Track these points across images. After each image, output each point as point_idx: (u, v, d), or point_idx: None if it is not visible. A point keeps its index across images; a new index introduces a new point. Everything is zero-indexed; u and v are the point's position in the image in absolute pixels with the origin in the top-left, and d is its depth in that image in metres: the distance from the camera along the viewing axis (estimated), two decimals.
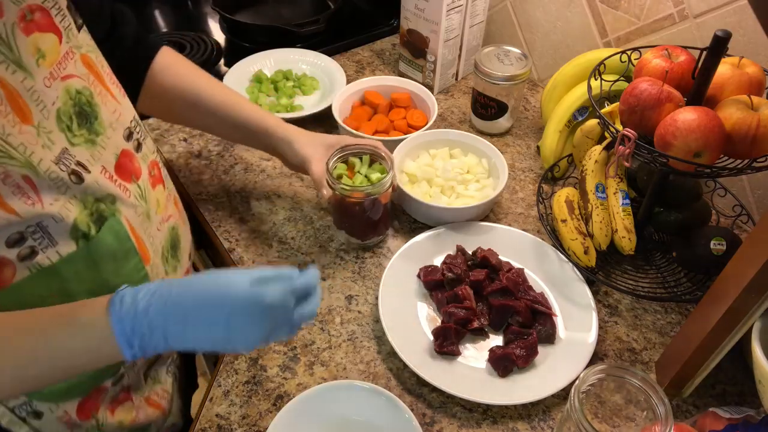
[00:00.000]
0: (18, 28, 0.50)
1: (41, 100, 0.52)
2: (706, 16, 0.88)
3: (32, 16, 0.52)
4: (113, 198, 0.59)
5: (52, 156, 0.52)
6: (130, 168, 0.63)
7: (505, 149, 1.07)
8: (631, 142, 0.68)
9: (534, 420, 0.70)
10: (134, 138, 0.65)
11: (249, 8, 1.36)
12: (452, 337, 0.74)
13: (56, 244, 0.54)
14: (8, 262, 0.51)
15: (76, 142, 0.55)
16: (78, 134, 0.55)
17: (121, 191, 0.60)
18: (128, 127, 0.64)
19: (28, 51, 0.51)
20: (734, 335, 0.62)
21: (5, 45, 0.49)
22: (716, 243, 0.76)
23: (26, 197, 0.50)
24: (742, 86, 0.68)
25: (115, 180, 0.60)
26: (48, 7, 0.53)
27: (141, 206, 0.64)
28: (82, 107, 0.56)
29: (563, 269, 0.83)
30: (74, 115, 0.55)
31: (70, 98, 0.55)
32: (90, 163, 0.56)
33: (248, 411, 0.69)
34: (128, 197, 0.61)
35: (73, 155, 0.54)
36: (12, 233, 0.50)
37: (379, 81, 1.10)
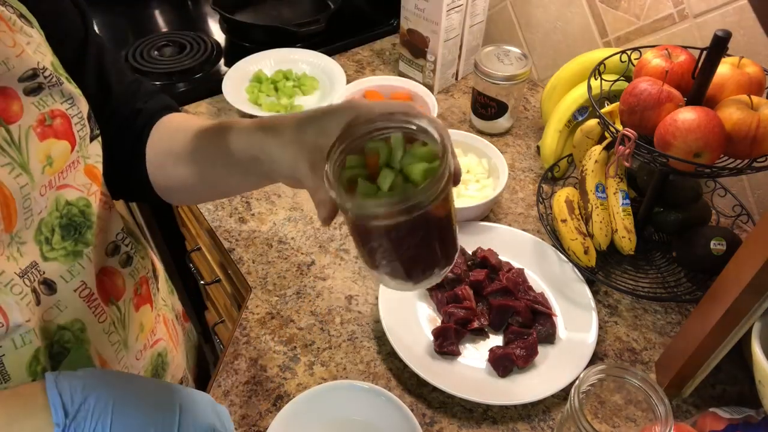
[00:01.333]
0: (34, 132, 0.47)
1: (31, 208, 0.47)
2: (706, 16, 0.88)
3: (52, 122, 0.49)
4: (82, 325, 0.52)
5: (17, 268, 0.46)
6: (110, 286, 0.56)
7: (505, 149, 1.07)
8: (631, 142, 0.68)
9: (534, 420, 0.70)
10: (122, 251, 0.59)
11: (249, 8, 1.36)
12: (452, 337, 0.74)
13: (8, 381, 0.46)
14: None
15: (51, 256, 0.50)
16: (57, 248, 0.50)
17: (94, 316, 0.53)
18: (113, 241, 0.58)
19: (37, 157, 0.47)
20: (734, 335, 0.62)
21: (16, 148, 0.46)
22: (716, 243, 0.76)
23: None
24: (742, 86, 0.68)
25: (94, 300, 0.53)
26: (71, 115, 0.51)
27: (116, 334, 0.56)
28: (72, 218, 0.52)
29: (563, 269, 0.83)
30: (57, 227, 0.50)
31: (56, 209, 0.50)
32: (63, 280, 0.50)
33: (248, 411, 0.69)
34: (102, 321, 0.54)
35: (42, 271, 0.49)
36: None
37: (379, 81, 1.10)
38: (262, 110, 1.07)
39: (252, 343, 0.76)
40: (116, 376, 0.45)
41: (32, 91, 0.48)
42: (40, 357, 0.48)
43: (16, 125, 0.46)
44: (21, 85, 0.47)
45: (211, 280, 1.13)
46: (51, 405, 0.41)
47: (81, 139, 0.52)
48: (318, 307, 0.80)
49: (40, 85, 0.48)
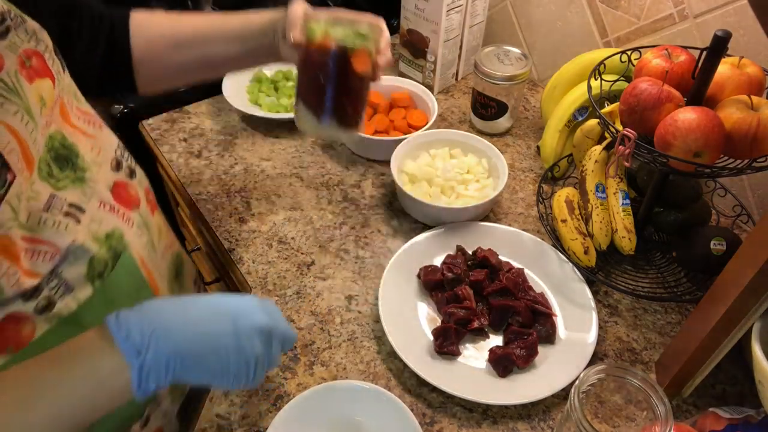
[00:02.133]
0: (21, 76, 0.48)
1: (38, 149, 0.50)
2: (706, 16, 0.88)
3: (30, 63, 0.49)
4: (120, 232, 0.57)
5: (41, 205, 0.50)
6: (127, 197, 0.61)
7: (505, 149, 1.07)
8: (631, 142, 0.68)
9: (534, 420, 0.70)
10: (125, 166, 0.62)
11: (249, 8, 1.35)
12: (452, 337, 0.74)
13: (73, 290, 0.51)
14: (26, 318, 0.48)
15: (62, 185, 0.53)
16: (62, 178, 0.53)
17: (123, 221, 0.58)
18: (114, 158, 0.61)
19: (33, 99, 0.48)
20: (734, 335, 0.62)
21: (15, 93, 0.47)
22: (716, 243, 0.76)
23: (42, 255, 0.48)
24: (742, 86, 0.68)
25: (117, 210, 0.58)
26: (41, 51, 0.51)
27: (145, 235, 0.62)
28: (57, 152, 0.53)
29: (563, 269, 0.83)
30: (51, 161, 0.52)
31: (45, 144, 0.52)
32: (84, 202, 0.54)
33: (248, 411, 0.69)
34: (131, 226, 0.59)
35: (64, 199, 0.52)
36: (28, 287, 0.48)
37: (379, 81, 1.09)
38: (263, 110, 1.07)
39: None
40: (169, 303, 0.48)
41: (2, 34, 0.47)
42: (95, 264, 0.53)
43: (4, 72, 0.46)
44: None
45: (211, 280, 1.13)
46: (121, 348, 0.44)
47: (57, 74, 0.53)
48: (318, 307, 0.80)
49: (8, 27, 0.48)
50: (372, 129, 1.03)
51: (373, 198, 0.96)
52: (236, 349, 0.48)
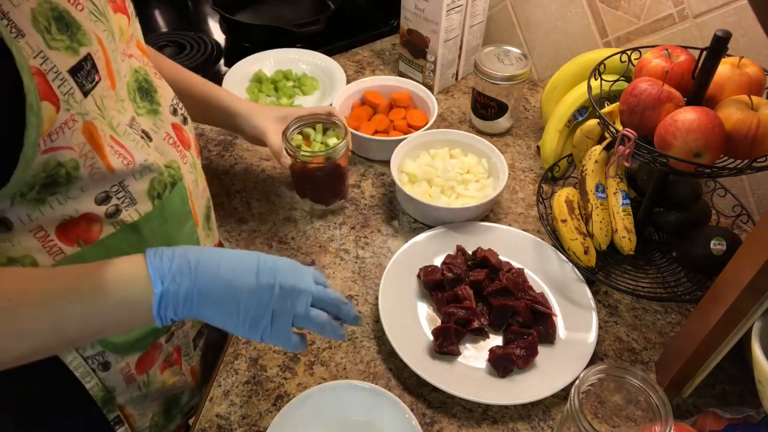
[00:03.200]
0: (108, 6, 0.55)
1: (119, 70, 0.57)
2: (706, 16, 0.88)
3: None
4: (178, 164, 0.65)
5: (126, 120, 0.58)
6: (182, 137, 0.68)
7: (505, 149, 1.07)
8: (631, 142, 0.68)
9: (534, 420, 0.70)
10: (179, 113, 0.70)
11: (249, 8, 1.36)
12: (452, 337, 0.74)
13: (136, 203, 0.59)
14: (97, 219, 0.56)
15: (141, 113, 0.61)
16: (141, 106, 0.61)
17: (180, 158, 0.66)
18: (172, 104, 0.68)
19: (115, 27, 0.56)
20: (734, 335, 0.62)
21: (104, 17, 0.54)
22: (716, 243, 0.76)
23: (122, 157, 0.55)
24: (742, 86, 0.68)
25: (177, 145, 0.66)
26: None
27: (193, 173, 0.69)
28: (141, 84, 0.62)
29: (563, 269, 0.83)
30: (136, 90, 0.61)
31: (132, 74, 0.60)
32: (153, 131, 0.62)
33: (248, 411, 0.69)
34: (185, 163, 0.67)
35: (139, 124, 0.60)
36: (99, 192, 0.55)
37: (379, 81, 1.10)
38: None
39: (252, 343, 0.76)
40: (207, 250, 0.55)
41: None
42: (156, 185, 0.60)
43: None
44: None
45: None
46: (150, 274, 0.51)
47: (132, 15, 0.60)
48: None
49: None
50: (372, 129, 1.03)
51: (373, 198, 0.96)
52: (254, 299, 0.54)
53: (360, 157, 1.03)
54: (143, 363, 0.69)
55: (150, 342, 0.69)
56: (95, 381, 0.65)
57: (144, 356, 0.68)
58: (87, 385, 0.64)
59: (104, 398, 0.67)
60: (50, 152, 0.49)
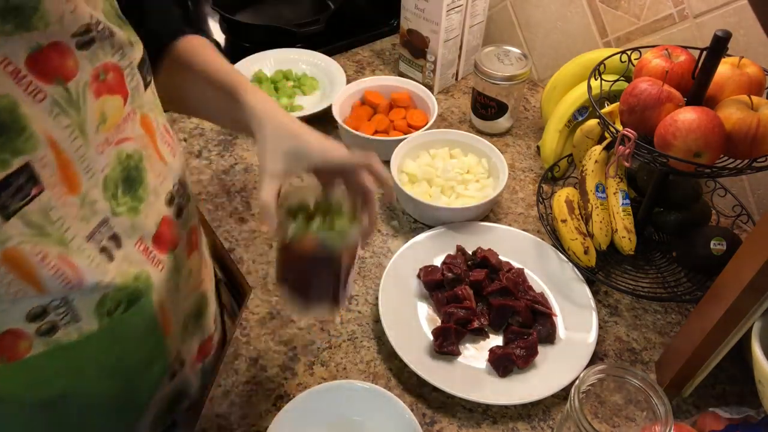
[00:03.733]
0: (90, 90, 0.46)
1: (91, 167, 0.48)
2: (706, 16, 0.88)
3: (105, 77, 0.48)
4: (147, 275, 0.55)
5: (87, 231, 0.49)
6: (167, 237, 0.58)
7: (505, 149, 1.07)
8: (631, 142, 0.68)
9: (534, 420, 0.70)
10: (176, 203, 0.60)
11: (249, 8, 1.36)
12: (452, 337, 0.74)
13: (79, 321, 0.50)
14: (26, 336, 0.48)
15: (120, 211, 0.52)
16: (122, 203, 0.52)
17: (153, 265, 0.56)
18: (170, 191, 0.59)
19: (92, 115, 0.47)
20: (734, 335, 0.62)
21: (74, 107, 0.45)
22: (716, 243, 0.76)
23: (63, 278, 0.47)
24: (742, 86, 0.68)
25: (150, 252, 0.56)
26: (123, 67, 0.50)
27: (173, 279, 0.60)
28: (130, 172, 0.52)
29: (563, 269, 0.83)
30: (121, 181, 0.51)
31: (119, 163, 0.51)
32: (127, 235, 0.53)
33: (248, 411, 0.69)
34: (161, 270, 0.57)
35: (112, 226, 0.51)
36: (34, 306, 0.47)
37: (379, 81, 1.10)
38: None
39: (252, 343, 0.76)
40: None
41: (84, 44, 0.46)
42: (107, 302, 0.52)
43: (73, 82, 0.45)
44: (74, 39, 0.45)
45: None
46: None
47: (133, 90, 0.52)
48: None
49: (92, 38, 0.47)
50: (372, 129, 1.03)
51: None
52: None
53: None
54: None
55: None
56: None
57: None
58: None
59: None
60: None
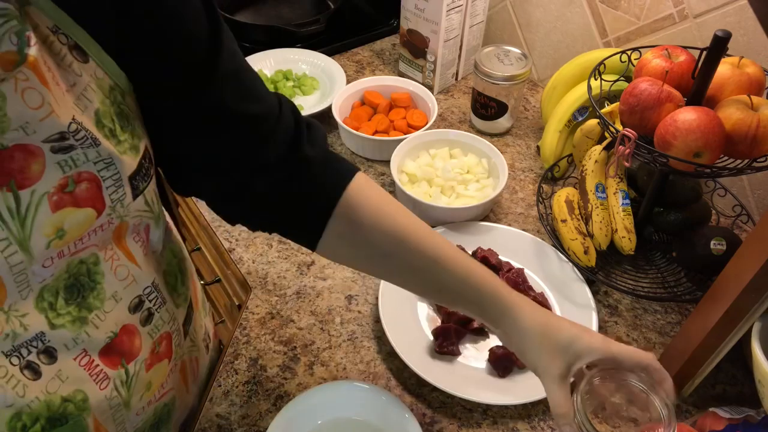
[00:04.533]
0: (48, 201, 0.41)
1: (27, 281, 0.43)
2: (706, 16, 0.88)
3: (75, 188, 0.42)
4: (84, 395, 0.49)
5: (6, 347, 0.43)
6: (125, 348, 0.52)
7: (505, 149, 1.07)
8: (631, 142, 0.68)
9: (534, 420, 0.70)
10: (144, 308, 0.53)
11: (249, 8, 1.36)
12: (452, 337, 0.74)
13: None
14: None
15: (59, 323, 0.45)
16: (63, 313, 0.46)
17: (95, 383, 0.49)
18: (138, 296, 0.52)
19: (43, 231, 0.41)
20: (734, 335, 0.62)
21: (19, 221, 0.40)
22: (716, 243, 0.76)
23: None
24: (742, 86, 0.68)
25: (95, 367, 0.49)
26: (104, 177, 0.44)
27: (118, 397, 0.52)
28: (78, 278, 0.46)
29: (563, 269, 0.83)
30: (62, 289, 0.45)
31: (66, 271, 0.45)
32: (66, 349, 0.47)
33: (248, 411, 0.69)
34: (104, 388, 0.50)
35: (47, 340, 0.45)
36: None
37: (379, 81, 1.10)
38: None
39: (252, 343, 0.76)
40: None
41: (60, 150, 0.41)
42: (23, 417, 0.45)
43: (27, 191, 0.40)
44: (47, 144, 0.40)
45: (211, 280, 1.13)
46: None
47: (114, 202, 0.45)
48: (318, 307, 0.80)
49: (70, 146, 0.41)
50: (372, 129, 1.03)
51: None
52: None
53: (360, 157, 1.03)
54: None
55: None
56: None
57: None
58: None
59: None
60: None
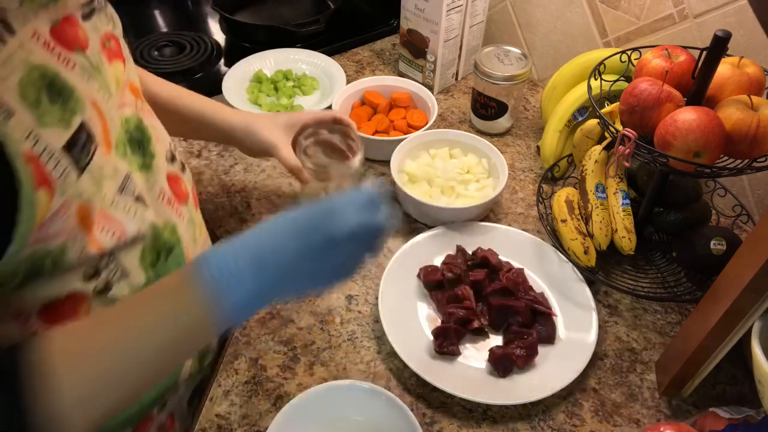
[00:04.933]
0: (103, 55, 0.51)
1: (114, 129, 0.52)
2: (706, 16, 0.88)
3: (109, 44, 0.52)
4: (174, 225, 0.59)
5: (118, 184, 0.51)
6: (179, 190, 0.62)
7: (505, 149, 1.07)
8: (631, 142, 0.68)
9: (534, 420, 0.70)
10: (177, 160, 0.64)
11: (249, 8, 1.36)
12: (452, 337, 0.74)
13: (128, 275, 0.53)
14: (84, 298, 0.50)
15: (134, 168, 0.54)
16: (133, 161, 0.55)
17: (177, 216, 0.60)
18: (169, 149, 0.63)
19: (110, 78, 0.51)
20: (734, 335, 0.62)
21: (98, 71, 0.49)
22: (716, 243, 0.76)
23: (111, 232, 0.50)
24: (742, 86, 0.68)
25: (172, 203, 0.60)
26: (118, 36, 0.54)
27: (191, 230, 0.63)
28: (132, 134, 0.55)
29: (563, 269, 0.83)
30: (127, 142, 0.54)
31: (121, 125, 0.54)
32: (147, 190, 0.56)
33: (248, 411, 0.69)
34: (183, 221, 0.61)
35: (134, 183, 0.54)
36: (89, 266, 0.49)
37: (379, 81, 1.10)
38: (263, 110, 1.07)
39: (252, 343, 0.76)
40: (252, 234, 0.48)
41: (86, 15, 0.50)
42: (147, 254, 0.55)
43: (90, 50, 0.49)
44: (80, 11, 0.49)
45: None
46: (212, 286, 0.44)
47: (126, 58, 0.55)
48: (318, 307, 0.80)
49: (93, 9, 0.51)
50: (372, 129, 1.03)
51: None
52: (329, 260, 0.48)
53: None
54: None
55: (140, 416, 0.63)
56: None
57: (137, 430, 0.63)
58: None
59: None
60: (40, 243, 0.44)
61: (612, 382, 0.73)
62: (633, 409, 0.71)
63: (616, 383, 0.73)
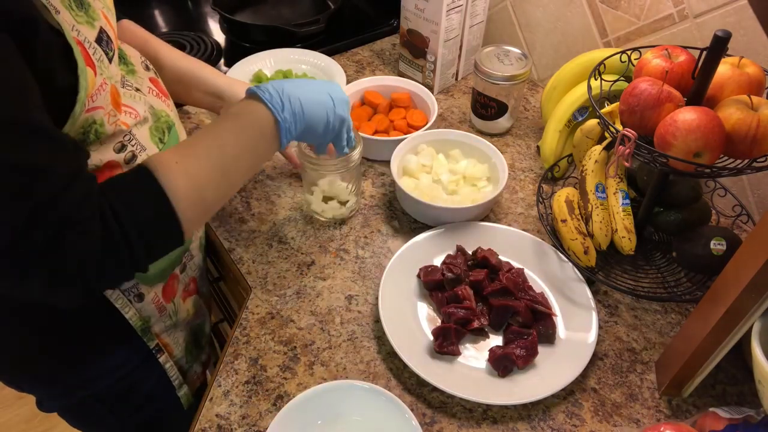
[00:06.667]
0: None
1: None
2: (706, 16, 0.88)
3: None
4: (166, 111, 0.72)
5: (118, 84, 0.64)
6: (161, 89, 0.75)
7: (505, 149, 1.07)
8: (631, 142, 0.68)
9: (534, 420, 0.70)
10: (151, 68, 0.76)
11: (249, 8, 1.36)
12: (452, 337, 0.74)
13: (146, 149, 0.67)
14: (118, 166, 0.64)
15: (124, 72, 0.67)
16: (121, 69, 0.67)
17: (165, 105, 0.73)
18: (143, 61, 0.74)
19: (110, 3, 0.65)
20: (734, 335, 0.62)
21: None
22: (716, 243, 0.76)
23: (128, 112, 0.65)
24: (742, 86, 0.68)
25: (160, 96, 0.73)
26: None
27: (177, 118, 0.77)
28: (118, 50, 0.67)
29: (563, 269, 0.83)
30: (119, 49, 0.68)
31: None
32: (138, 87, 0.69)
33: (248, 411, 0.69)
34: (170, 109, 0.74)
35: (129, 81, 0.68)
36: (115, 143, 0.63)
37: (379, 81, 1.10)
38: None
39: (252, 343, 0.76)
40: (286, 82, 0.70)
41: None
42: (155, 132, 0.69)
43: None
44: None
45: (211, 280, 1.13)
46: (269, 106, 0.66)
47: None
48: (318, 307, 0.80)
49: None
50: (372, 129, 1.03)
51: (373, 198, 0.96)
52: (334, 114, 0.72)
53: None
54: (167, 292, 0.77)
55: (168, 273, 0.77)
56: (133, 311, 0.72)
57: (166, 287, 0.76)
58: (126, 315, 0.71)
59: (143, 327, 0.74)
60: (90, 111, 0.57)
61: (612, 382, 0.73)
62: (633, 409, 0.71)
63: (616, 383, 0.73)
